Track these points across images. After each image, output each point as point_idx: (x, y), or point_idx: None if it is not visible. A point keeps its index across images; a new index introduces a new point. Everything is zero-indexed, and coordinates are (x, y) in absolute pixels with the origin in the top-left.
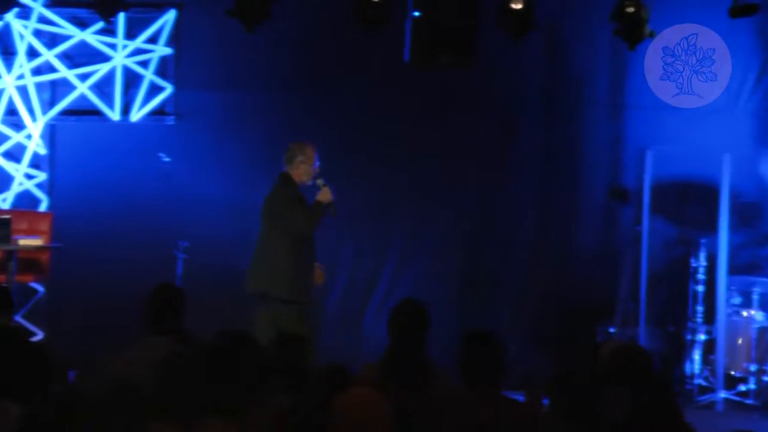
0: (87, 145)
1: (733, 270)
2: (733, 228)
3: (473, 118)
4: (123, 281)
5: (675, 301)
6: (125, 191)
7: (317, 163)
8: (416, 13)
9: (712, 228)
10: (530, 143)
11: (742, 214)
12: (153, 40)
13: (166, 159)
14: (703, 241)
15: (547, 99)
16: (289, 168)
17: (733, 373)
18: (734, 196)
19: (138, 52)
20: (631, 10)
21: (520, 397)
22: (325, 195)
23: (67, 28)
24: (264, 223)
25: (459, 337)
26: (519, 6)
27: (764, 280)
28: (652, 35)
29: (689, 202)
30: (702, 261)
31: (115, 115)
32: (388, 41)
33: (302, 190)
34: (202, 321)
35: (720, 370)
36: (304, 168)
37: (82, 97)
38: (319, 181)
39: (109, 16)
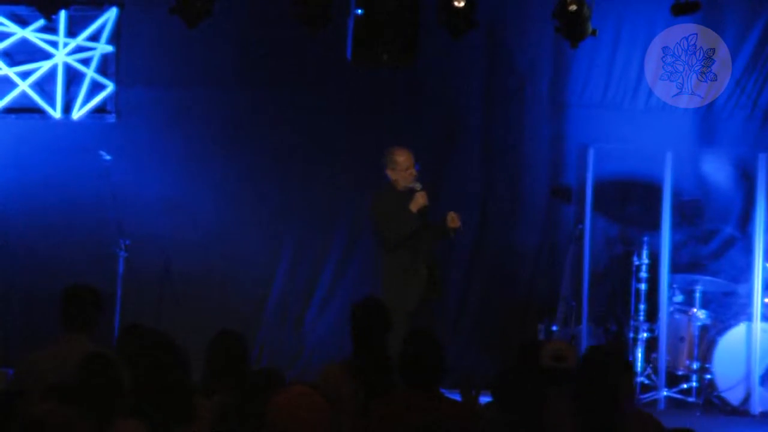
0: (28, 144)
1: (675, 268)
2: (675, 226)
3: (414, 116)
4: (63, 279)
5: (617, 299)
6: (66, 189)
7: (416, 167)
8: (358, 11)
9: (654, 226)
10: (471, 141)
11: (684, 213)
12: (94, 37)
13: (107, 157)
14: (645, 239)
15: (489, 97)
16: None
17: (675, 371)
18: (676, 194)
19: (79, 49)
20: (573, 8)
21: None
22: (415, 203)
23: (8, 25)
24: None
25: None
26: (461, 4)
27: (706, 278)
28: (594, 33)
29: (631, 200)
30: (644, 259)
31: (56, 113)
32: (331, 39)
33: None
34: (141, 318)
35: (662, 368)
36: (394, 174)
37: (23, 95)
38: (417, 186)
39: (50, 13)
